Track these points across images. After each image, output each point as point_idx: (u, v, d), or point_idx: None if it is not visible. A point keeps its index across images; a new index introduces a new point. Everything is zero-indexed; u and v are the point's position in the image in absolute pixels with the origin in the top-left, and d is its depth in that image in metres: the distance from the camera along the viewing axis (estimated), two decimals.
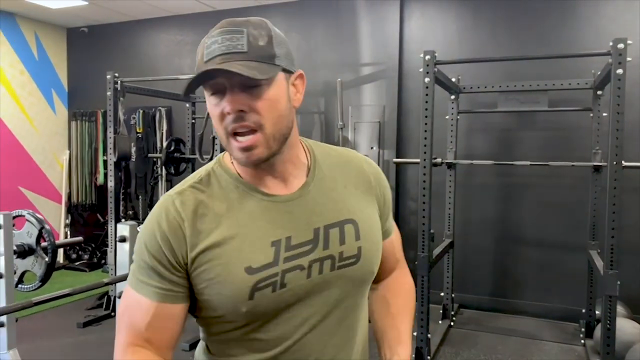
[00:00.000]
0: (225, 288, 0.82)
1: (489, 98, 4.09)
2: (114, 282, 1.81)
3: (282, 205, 0.88)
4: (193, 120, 5.14)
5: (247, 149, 0.82)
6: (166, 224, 0.84)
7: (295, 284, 0.84)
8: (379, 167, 1.06)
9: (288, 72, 0.86)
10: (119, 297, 1.93)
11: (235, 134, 0.82)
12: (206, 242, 0.83)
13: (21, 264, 2.34)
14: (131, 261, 1.86)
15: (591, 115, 3.68)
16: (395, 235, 1.10)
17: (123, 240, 1.86)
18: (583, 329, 3.68)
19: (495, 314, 4.23)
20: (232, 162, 0.92)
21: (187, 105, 5.15)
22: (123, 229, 1.85)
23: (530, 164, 3.70)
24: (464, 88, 4.00)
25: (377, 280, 1.05)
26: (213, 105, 0.84)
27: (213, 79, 0.81)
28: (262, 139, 0.82)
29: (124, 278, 1.90)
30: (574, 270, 3.98)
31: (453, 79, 3.85)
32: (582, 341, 3.61)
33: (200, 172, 0.93)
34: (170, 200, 0.86)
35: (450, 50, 4.24)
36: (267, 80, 0.81)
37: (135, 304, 0.87)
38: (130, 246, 1.87)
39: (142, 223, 2.05)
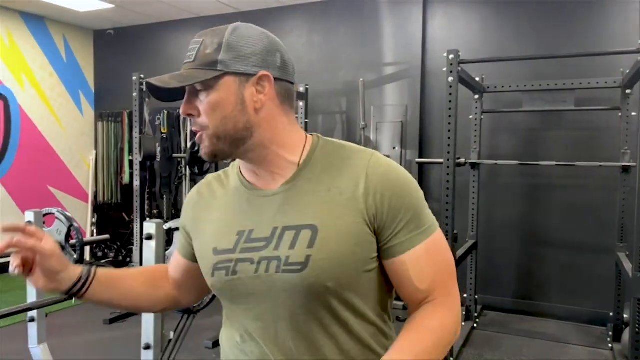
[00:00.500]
0: (201, 261, 0.97)
1: (514, 97, 4.04)
2: None
3: (258, 199, 0.93)
4: None
5: (200, 142, 0.91)
6: (187, 199, 1.06)
7: (245, 275, 0.89)
8: (401, 174, 0.92)
9: (243, 75, 0.87)
10: None
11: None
12: (199, 217, 1.00)
13: None
14: (157, 259, 1.88)
15: (620, 114, 3.60)
16: (417, 258, 0.89)
17: (149, 238, 1.89)
18: (611, 333, 3.61)
19: (520, 316, 4.17)
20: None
21: None
22: (150, 227, 1.88)
23: (556, 164, 3.64)
24: (488, 87, 3.96)
25: (410, 310, 0.94)
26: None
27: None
28: (205, 137, 0.89)
29: None
30: (602, 273, 3.90)
31: (477, 79, 3.81)
32: (610, 345, 3.54)
33: (233, 163, 1.05)
34: (199, 183, 1.06)
35: (473, 49, 4.20)
36: (205, 85, 0.87)
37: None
38: (157, 244, 1.91)
39: (166, 222, 2.09)
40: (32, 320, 2.29)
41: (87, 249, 5.98)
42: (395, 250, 0.88)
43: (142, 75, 4.25)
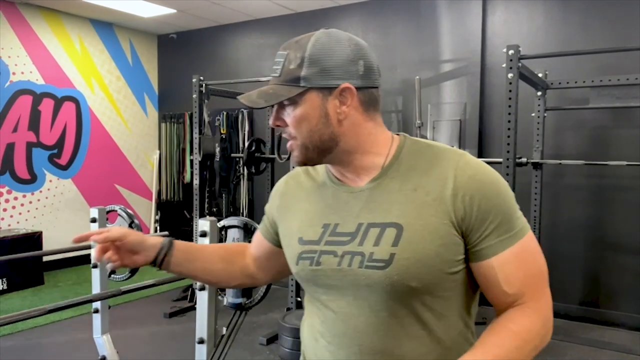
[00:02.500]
0: (286, 248, 1.03)
1: (580, 93, 3.84)
2: None
3: (344, 194, 0.96)
4: None
5: (290, 152, 0.95)
6: (275, 187, 1.12)
7: (327, 267, 0.92)
8: (491, 176, 0.90)
9: (326, 88, 0.89)
10: (200, 290, 2.02)
11: None
12: (286, 206, 1.05)
13: None
14: None
15: None
16: (506, 262, 0.87)
17: (204, 235, 1.94)
18: None
19: (586, 325, 3.96)
20: None
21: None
22: (204, 224, 1.93)
23: (627, 164, 3.42)
24: (552, 83, 3.78)
25: (497, 312, 0.93)
26: None
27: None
28: (295, 146, 0.94)
29: None
30: None
31: (539, 74, 3.65)
32: None
33: None
34: (288, 175, 1.12)
35: (537, 44, 4.03)
36: (290, 100, 0.90)
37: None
38: (211, 241, 1.95)
39: (221, 219, 2.13)
40: (96, 311, 2.41)
41: None
42: (483, 254, 0.88)
43: (201, 78, 4.37)
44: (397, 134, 0.99)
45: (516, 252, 0.87)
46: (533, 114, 3.88)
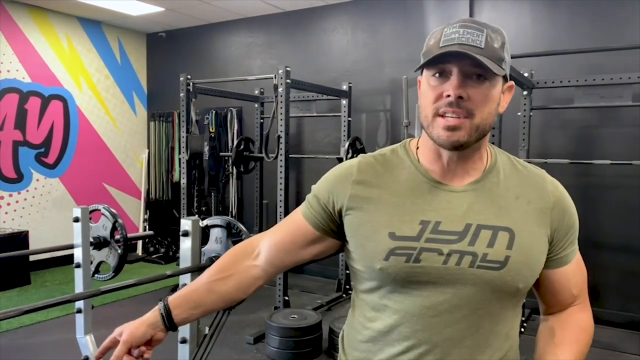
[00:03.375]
0: (368, 243, 0.95)
1: (566, 93, 3.86)
2: (177, 274, 1.89)
3: (444, 193, 0.96)
4: (261, 120, 5.26)
5: (451, 129, 0.89)
6: (339, 172, 1.03)
7: (429, 264, 0.91)
8: (566, 193, 1.01)
9: (505, 79, 0.93)
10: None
11: (443, 115, 0.90)
12: (363, 193, 0.98)
13: (97, 255, 2.50)
14: (192, 256, 1.92)
15: None
16: (574, 268, 1.02)
17: (186, 234, 1.93)
18: None
19: None
20: (417, 148, 1.02)
21: (256, 105, 5.28)
22: (186, 224, 1.92)
23: (612, 163, 3.45)
24: (538, 83, 3.81)
25: (549, 312, 1.06)
26: (431, 86, 0.91)
27: (445, 63, 0.89)
28: (468, 125, 0.89)
29: (187, 271, 1.97)
30: None
31: (525, 74, 3.67)
32: None
33: (386, 149, 1.06)
34: (355, 159, 1.04)
35: (524, 44, 4.05)
36: (495, 76, 0.89)
37: (290, 216, 1.09)
38: (193, 241, 1.95)
39: (204, 219, 2.12)
40: (79, 311, 2.39)
41: (139, 244, 6.22)
42: (563, 261, 0.99)
43: (189, 76, 4.36)
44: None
45: (578, 259, 1.03)
46: (519, 113, 3.90)
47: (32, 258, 5.11)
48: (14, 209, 5.29)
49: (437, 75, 0.90)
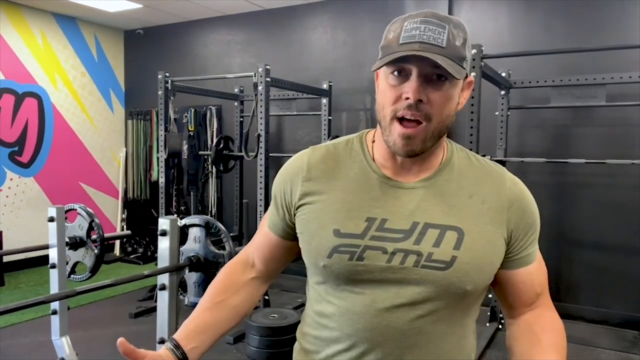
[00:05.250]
0: (313, 239, 0.93)
1: (542, 93, 3.93)
2: (154, 274, 1.87)
3: (394, 189, 0.92)
4: (241, 119, 5.23)
5: (407, 137, 0.86)
6: (290, 168, 1.00)
7: (373, 263, 0.88)
8: (527, 192, 0.96)
9: (465, 76, 0.89)
10: (160, 290, 1.99)
11: (401, 119, 0.86)
12: (312, 189, 0.95)
13: (73, 255, 2.46)
14: (171, 255, 1.89)
15: None
16: (537, 268, 0.98)
17: (164, 234, 1.91)
18: None
19: None
20: (372, 142, 0.98)
21: (236, 103, 5.25)
22: (164, 223, 1.90)
23: (586, 162, 3.52)
24: (515, 83, 3.86)
25: (514, 315, 1.01)
26: (390, 85, 0.88)
27: (407, 62, 0.85)
28: (423, 132, 0.86)
29: (165, 270, 1.95)
30: (635, 274, 3.76)
31: (503, 74, 3.72)
32: None
33: (341, 139, 1.03)
34: (305, 152, 1.02)
35: (501, 44, 4.10)
36: (456, 79, 0.84)
37: (260, 226, 1.09)
38: (171, 240, 1.93)
39: (182, 218, 2.10)
40: (54, 312, 2.35)
41: (117, 244, 6.13)
42: (525, 260, 0.95)
43: (167, 74, 4.31)
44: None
45: (540, 258, 1.00)
46: (497, 113, 3.95)
47: (5, 259, 5.00)
48: None
49: (395, 73, 0.87)
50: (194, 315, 1.03)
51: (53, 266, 2.31)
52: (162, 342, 1.98)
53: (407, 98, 0.84)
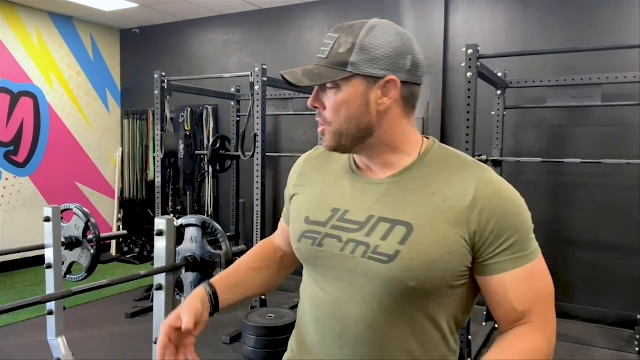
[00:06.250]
0: (292, 224, 1.05)
1: (538, 93, 3.94)
2: (150, 274, 1.86)
3: (361, 184, 0.97)
4: (238, 118, 5.22)
5: (322, 135, 0.96)
6: (295, 166, 1.13)
7: (329, 250, 0.94)
8: (512, 195, 0.91)
9: (371, 77, 0.90)
10: (156, 290, 1.99)
11: None
12: (301, 184, 1.07)
13: (69, 255, 2.44)
14: (167, 255, 1.89)
15: None
16: (516, 280, 0.88)
17: (160, 234, 1.90)
18: (638, 336, 3.49)
19: None
20: None
21: (232, 103, 5.24)
22: (160, 223, 1.89)
23: (582, 162, 3.54)
24: (511, 83, 3.87)
25: (501, 332, 0.94)
26: None
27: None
28: (328, 132, 0.94)
29: (161, 270, 1.95)
30: (629, 274, 3.78)
31: (499, 74, 3.73)
32: (637, 349, 3.42)
33: None
34: (310, 151, 1.13)
35: (498, 44, 4.12)
36: (347, 81, 0.89)
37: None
38: (167, 240, 1.92)
39: (178, 218, 2.10)
40: (50, 313, 2.34)
41: (113, 244, 6.11)
42: (495, 268, 0.88)
43: (163, 73, 4.30)
44: (428, 137, 1.00)
45: (529, 271, 0.89)
46: (493, 113, 3.96)
47: (1, 259, 4.98)
48: None
49: None
50: (234, 270, 1.15)
51: (49, 266, 2.30)
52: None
53: (309, 106, 0.96)
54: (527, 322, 0.90)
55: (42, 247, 2.37)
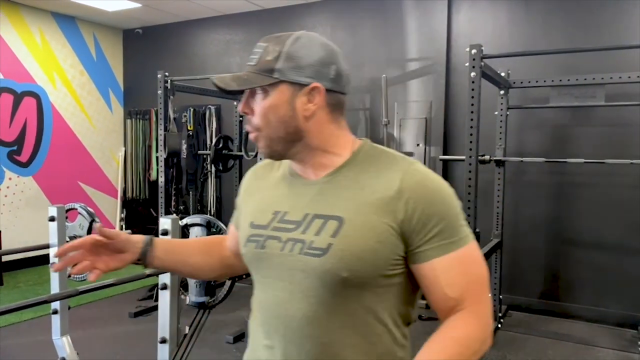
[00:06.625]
0: (240, 231, 1.08)
1: (541, 93, 3.94)
2: (156, 274, 1.87)
3: (299, 186, 1.02)
4: (240, 118, 5.22)
5: (256, 143, 0.99)
6: (244, 179, 1.17)
7: (271, 251, 0.97)
8: (437, 183, 0.94)
9: (297, 84, 0.94)
10: (161, 289, 2.00)
11: None
12: (248, 194, 1.12)
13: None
14: None
15: None
16: (447, 266, 0.91)
17: (165, 233, 1.91)
18: None
19: (546, 317, 4.08)
20: None
21: (235, 103, 5.24)
22: (165, 222, 1.90)
23: (585, 162, 3.54)
24: (514, 83, 3.87)
25: (443, 315, 0.95)
26: None
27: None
28: (261, 139, 0.98)
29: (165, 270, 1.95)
30: (633, 274, 3.78)
31: (502, 74, 3.73)
32: None
33: None
34: (256, 165, 1.17)
35: (501, 44, 4.11)
36: (274, 87, 0.94)
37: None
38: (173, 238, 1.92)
39: (183, 218, 2.10)
40: (55, 312, 2.35)
41: None
42: (425, 255, 0.91)
43: (166, 73, 4.31)
44: (361, 139, 1.03)
45: (460, 257, 0.91)
46: (496, 113, 3.96)
47: (4, 258, 4.99)
48: None
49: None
50: (180, 241, 1.25)
51: None
52: (163, 341, 1.99)
53: (239, 112, 1.02)
54: (461, 308, 0.92)
55: (46, 246, 2.38)
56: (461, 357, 0.89)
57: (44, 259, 5.37)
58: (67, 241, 2.39)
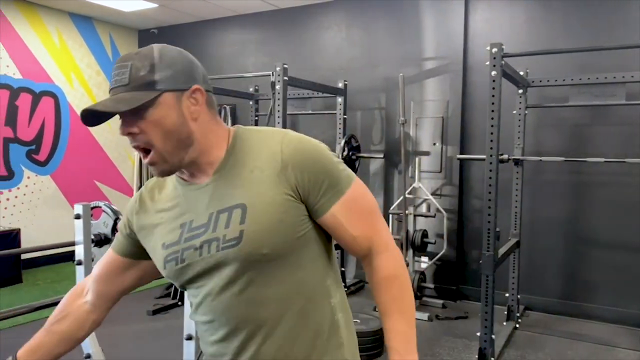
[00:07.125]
0: (154, 258, 1.08)
1: (560, 92, 3.91)
2: None
3: (193, 192, 1.03)
4: (256, 118, 5.24)
5: (152, 164, 0.98)
6: (128, 207, 1.13)
7: (191, 261, 1.00)
8: (311, 145, 1.02)
9: (179, 90, 0.96)
10: None
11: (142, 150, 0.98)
12: (147, 217, 1.08)
13: (98, 252, 2.48)
14: None
15: None
16: (340, 209, 1.00)
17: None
18: None
19: (564, 318, 4.05)
20: None
21: (251, 102, 5.26)
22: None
23: (605, 161, 3.51)
24: (533, 82, 3.85)
25: (363, 262, 1.07)
26: None
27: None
28: (156, 156, 0.96)
29: None
30: None
31: (521, 72, 3.71)
32: None
33: None
34: (140, 191, 1.14)
35: (518, 42, 4.09)
36: (155, 100, 0.93)
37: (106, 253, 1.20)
38: None
39: None
40: None
41: None
42: (324, 207, 1.00)
43: None
44: (233, 127, 1.07)
45: (349, 198, 1.01)
46: (514, 112, 3.94)
47: (23, 256, 5.05)
48: (5, 207, 5.22)
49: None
50: (35, 336, 1.17)
51: (79, 263, 2.33)
52: (189, 338, 2.00)
53: (122, 134, 0.96)
54: (374, 246, 1.04)
55: (67, 244, 2.41)
56: (403, 288, 1.04)
57: (63, 257, 5.44)
58: (92, 239, 2.42)
